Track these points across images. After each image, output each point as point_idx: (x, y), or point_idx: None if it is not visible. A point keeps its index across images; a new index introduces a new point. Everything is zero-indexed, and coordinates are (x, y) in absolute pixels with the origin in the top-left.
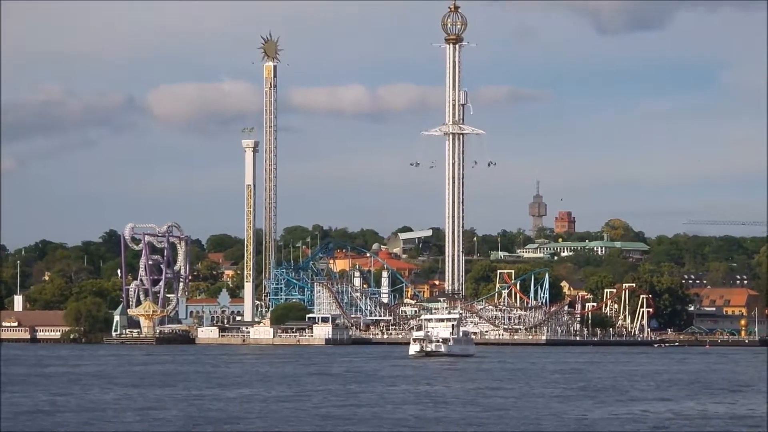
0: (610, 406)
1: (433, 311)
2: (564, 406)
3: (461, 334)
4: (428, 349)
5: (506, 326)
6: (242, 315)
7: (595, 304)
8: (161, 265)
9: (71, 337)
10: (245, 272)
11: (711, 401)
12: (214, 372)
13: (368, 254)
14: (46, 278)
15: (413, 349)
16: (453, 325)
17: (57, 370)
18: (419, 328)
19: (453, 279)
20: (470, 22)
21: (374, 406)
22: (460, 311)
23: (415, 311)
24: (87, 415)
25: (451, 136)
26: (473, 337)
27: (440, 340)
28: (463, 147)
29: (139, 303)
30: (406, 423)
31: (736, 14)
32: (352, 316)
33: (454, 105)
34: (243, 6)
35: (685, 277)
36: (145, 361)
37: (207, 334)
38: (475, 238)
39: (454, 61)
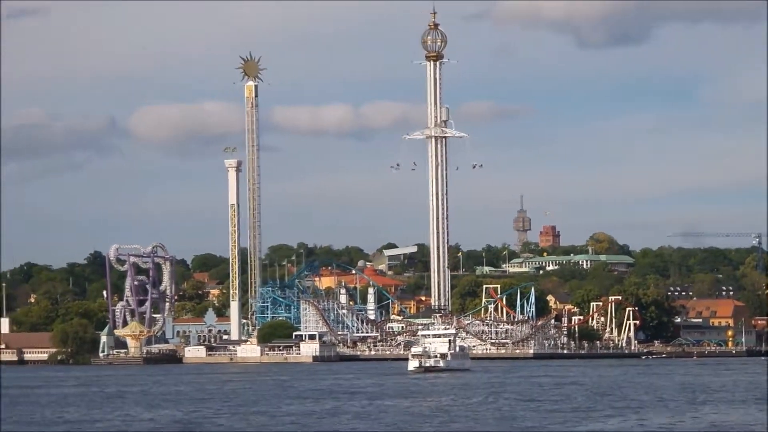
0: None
1: (430, 327)
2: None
3: (458, 349)
4: (427, 365)
5: (493, 341)
6: (229, 334)
7: (581, 317)
8: (147, 286)
9: (59, 358)
10: (231, 291)
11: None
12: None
13: (354, 271)
14: (32, 300)
15: (412, 364)
16: (450, 340)
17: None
18: (408, 345)
19: (439, 294)
20: (450, 39)
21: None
22: (456, 327)
23: (402, 327)
24: None
25: (433, 140)
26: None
27: (438, 355)
28: (446, 151)
29: (125, 323)
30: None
31: (715, 28)
32: (339, 333)
33: (436, 122)
34: (224, 26)
35: (671, 289)
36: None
37: (194, 353)
38: (460, 254)
39: (435, 78)
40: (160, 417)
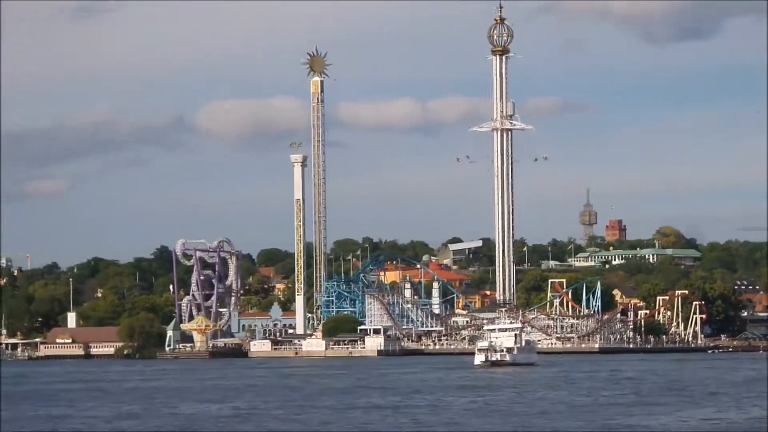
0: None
1: (495, 321)
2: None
3: (524, 343)
4: (493, 359)
5: (558, 335)
6: (294, 328)
7: (647, 311)
8: (213, 280)
9: (125, 352)
10: (296, 285)
11: None
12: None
13: (418, 266)
14: (99, 295)
15: (478, 359)
16: (516, 334)
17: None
18: (473, 339)
19: (504, 289)
20: (517, 34)
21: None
22: (521, 321)
23: (467, 321)
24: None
25: (499, 132)
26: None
27: (504, 349)
28: (512, 144)
29: (191, 318)
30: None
31: None
32: (404, 327)
33: (501, 116)
34: (292, 22)
35: (738, 283)
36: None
37: (260, 347)
38: (525, 248)
39: (500, 73)
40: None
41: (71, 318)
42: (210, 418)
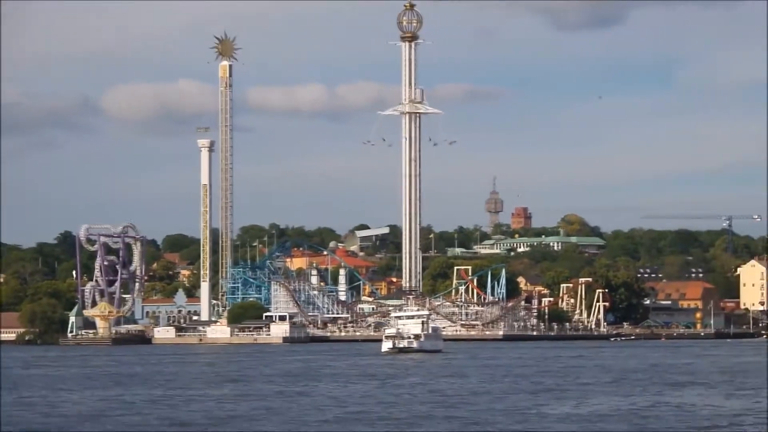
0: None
1: (403, 308)
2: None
3: (431, 330)
4: (401, 346)
5: (464, 322)
6: (199, 315)
7: (551, 299)
8: (117, 266)
9: (26, 338)
10: (201, 272)
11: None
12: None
13: (325, 252)
14: (1, 280)
15: (386, 345)
16: (423, 321)
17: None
18: (379, 326)
19: (411, 276)
20: (426, 20)
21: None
22: (428, 308)
23: (373, 308)
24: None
25: (407, 116)
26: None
27: (411, 336)
28: (420, 128)
29: (94, 304)
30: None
31: (693, 11)
32: (310, 314)
33: (411, 101)
34: (200, 5)
35: (641, 271)
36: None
37: (164, 334)
38: (432, 235)
39: (410, 59)
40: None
41: None
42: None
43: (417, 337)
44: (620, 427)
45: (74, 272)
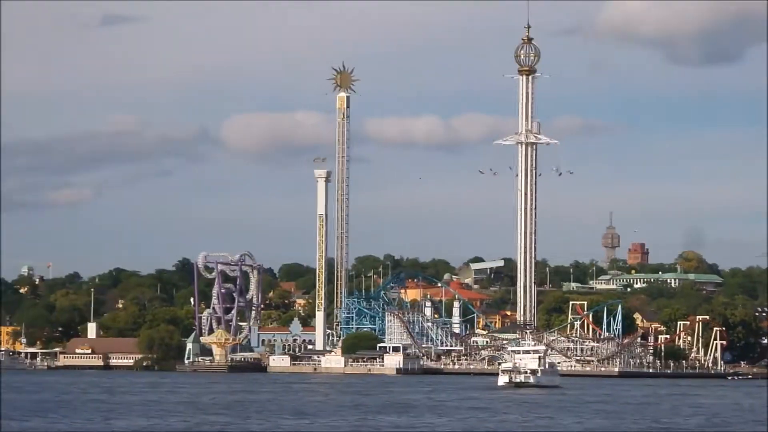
0: None
1: (520, 343)
2: None
3: (547, 365)
4: (517, 380)
5: (578, 357)
6: (314, 344)
7: (668, 336)
8: (234, 294)
9: (144, 364)
10: (317, 301)
11: None
12: None
13: (439, 284)
14: (120, 306)
15: (502, 380)
16: (540, 356)
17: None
18: (492, 359)
19: (525, 310)
20: (543, 54)
21: None
22: (546, 344)
23: (487, 341)
24: None
25: (524, 146)
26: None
27: (528, 371)
28: (536, 158)
29: (211, 331)
30: None
31: None
32: (423, 345)
33: (527, 131)
34: (318, 36)
35: (759, 309)
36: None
37: (279, 362)
38: (547, 269)
39: (526, 92)
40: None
41: (91, 328)
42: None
43: (534, 372)
44: None
45: (192, 299)
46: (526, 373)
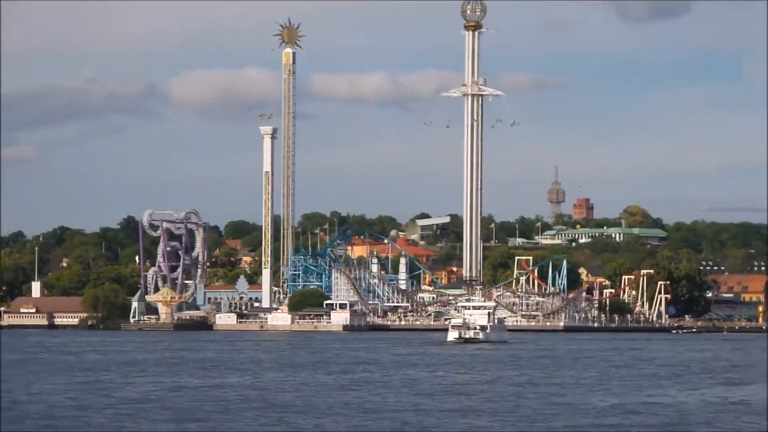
0: None
1: (470, 299)
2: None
3: (496, 321)
4: (467, 336)
5: (524, 313)
6: (260, 301)
7: (613, 290)
8: (179, 252)
9: (89, 323)
10: (263, 259)
11: None
12: None
13: (386, 241)
14: (65, 265)
15: (452, 335)
16: (489, 312)
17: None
18: (438, 315)
19: (471, 266)
20: (490, 10)
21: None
22: (495, 300)
23: (434, 298)
24: None
25: (470, 98)
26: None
27: (478, 327)
28: (482, 111)
29: (157, 289)
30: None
31: (759, 4)
32: (370, 302)
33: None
34: None
35: (703, 263)
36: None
37: (225, 320)
38: (493, 225)
39: (472, 48)
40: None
41: (36, 287)
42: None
43: (483, 328)
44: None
45: (137, 257)
46: (475, 329)
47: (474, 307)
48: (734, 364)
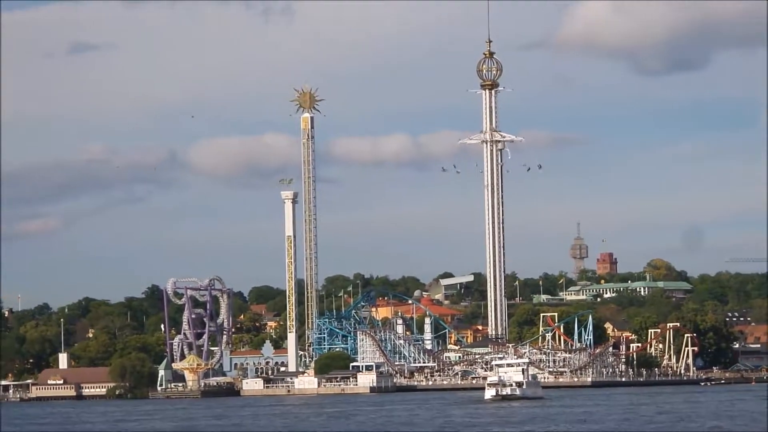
0: None
1: (504, 357)
2: None
3: (530, 377)
4: (504, 393)
5: (551, 369)
6: (286, 366)
7: (639, 344)
8: (204, 319)
9: (116, 393)
10: (288, 323)
11: None
12: None
13: (410, 301)
14: (90, 335)
15: (489, 393)
16: (523, 369)
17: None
18: (465, 374)
19: (496, 324)
20: (506, 67)
21: None
22: (528, 357)
23: (460, 357)
24: None
25: (488, 144)
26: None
27: (514, 384)
28: (501, 157)
29: (183, 357)
30: None
31: None
32: (396, 363)
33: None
34: (281, 58)
35: (729, 314)
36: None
37: (252, 385)
38: (516, 282)
39: (489, 107)
40: None
41: (63, 359)
42: None
43: (519, 384)
44: None
45: (162, 326)
46: (512, 385)
47: (508, 365)
48: None
